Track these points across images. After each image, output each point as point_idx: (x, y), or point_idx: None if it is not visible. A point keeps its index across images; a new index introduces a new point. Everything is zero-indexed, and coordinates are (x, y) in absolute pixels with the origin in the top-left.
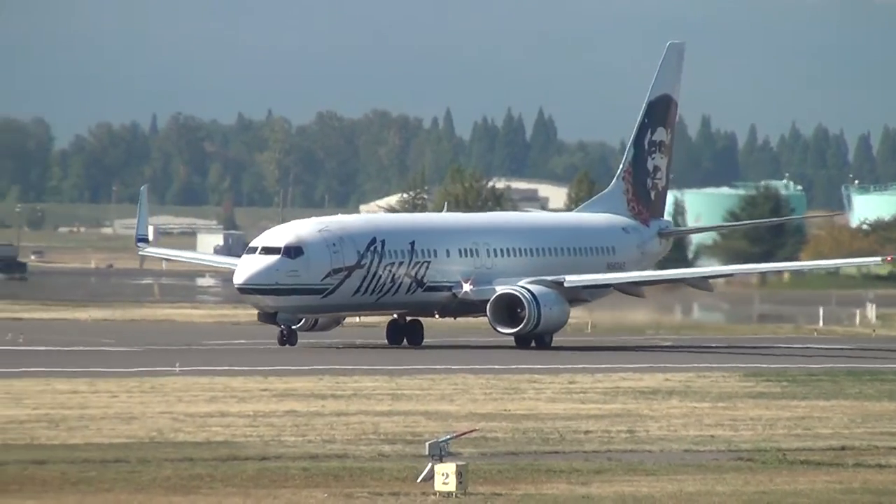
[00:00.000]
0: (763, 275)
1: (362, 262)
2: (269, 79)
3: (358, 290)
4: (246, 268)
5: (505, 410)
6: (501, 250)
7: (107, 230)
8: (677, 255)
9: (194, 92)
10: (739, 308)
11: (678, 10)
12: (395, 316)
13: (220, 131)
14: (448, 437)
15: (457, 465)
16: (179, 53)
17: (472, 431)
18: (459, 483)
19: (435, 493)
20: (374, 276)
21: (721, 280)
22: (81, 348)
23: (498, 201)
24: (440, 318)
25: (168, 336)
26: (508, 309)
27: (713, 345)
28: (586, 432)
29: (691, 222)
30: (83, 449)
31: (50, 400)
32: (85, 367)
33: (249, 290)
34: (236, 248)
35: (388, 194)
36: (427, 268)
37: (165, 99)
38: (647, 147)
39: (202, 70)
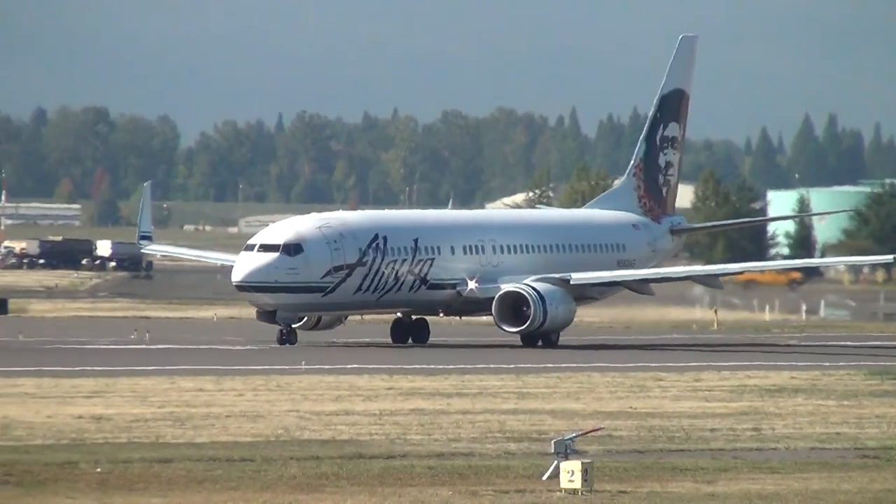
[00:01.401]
0: (889, 272)
1: (364, 260)
2: (395, 77)
3: (359, 289)
4: (244, 265)
5: (630, 408)
6: (508, 247)
7: (232, 229)
8: (804, 253)
9: (320, 90)
10: (865, 306)
11: (817, 5)
12: (400, 315)
13: (346, 130)
14: (574, 434)
15: (582, 463)
16: (305, 52)
17: (597, 429)
18: (585, 481)
19: (560, 491)
20: (376, 273)
21: (846, 277)
22: (207, 346)
23: None
24: (445, 317)
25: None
26: (514, 307)
27: (838, 342)
28: (712, 430)
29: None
30: (209, 447)
31: (176, 398)
32: (211, 365)
33: (247, 287)
34: None
35: (513, 192)
36: (431, 265)
37: (291, 97)
38: (658, 143)
39: (328, 69)
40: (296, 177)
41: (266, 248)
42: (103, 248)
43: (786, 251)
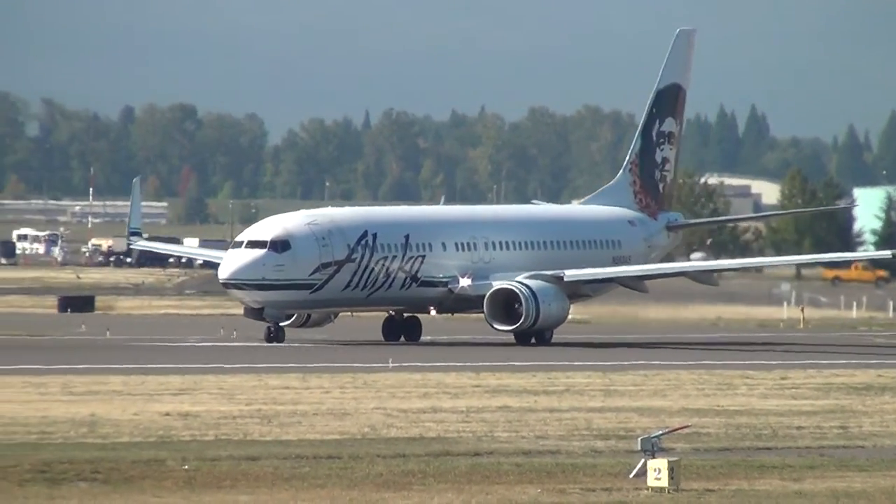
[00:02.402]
0: None
1: (353, 257)
2: (482, 75)
3: (348, 286)
4: (231, 262)
5: (717, 406)
6: (501, 244)
7: None
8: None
9: (407, 88)
10: None
11: None
12: (392, 312)
13: (433, 127)
14: (660, 432)
15: (669, 461)
16: (393, 50)
17: (684, 427)
18: (672, 479)
19: (647, 489)
20: (365, 270)
21: None
22: (294, 344)
23: (710, 197)
24: (437, 315)
25: (379, 332)
26: (506, 305)
27: None
28: (798, 428)
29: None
30: (296, 445)
31: (263, 395)
32: (297, 362)
33: (234, 284)
34: None
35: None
36: (422, 262)
37: (378, 95)
38: (655, 138)
39: (416, 66)
40: (383, 174)
41: (254, 244)
42: (190, 245)
43: (871, 248)
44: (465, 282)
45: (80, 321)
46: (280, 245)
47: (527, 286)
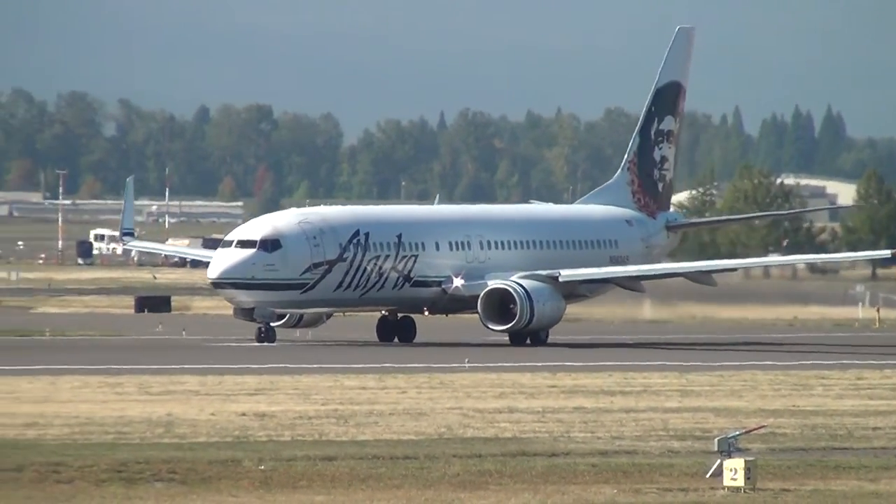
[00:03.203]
0: None
1: (344, 256)
2: (557, 76)
3: (340, 286)
4: (220, 261)
5: (793, 407)
6: (496, 243)
7: None
8: None
9: (483, 88)
10: None
11: None
12: (385, 313)
13: (509, 128)
14: (737, 433)
15: (745, 461)
16: (468, 50)
17: (760, 427)
18: (748, 479)
19: (724, 489)
20: (357, 270)
21: None
22: (370, 344)
23: (786, 198)
24: (430, 315)
25: (454, 332)
26: (500, 305)
27: None
28: (874, 429)
29: None
30: (372, 445)
31: (339, 395)
32: (374, 362)
33: (223, 284)
34: None
35: (677, 191)
36: (415, 262)
37: (454, 95)
38: (653, 136)
39: (491, 67)
40: (458, 175)
41: (243, 243)
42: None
43: None
44: (458, 282)
45: (156, 321)
46: (270, 244)
47: (521, 286)
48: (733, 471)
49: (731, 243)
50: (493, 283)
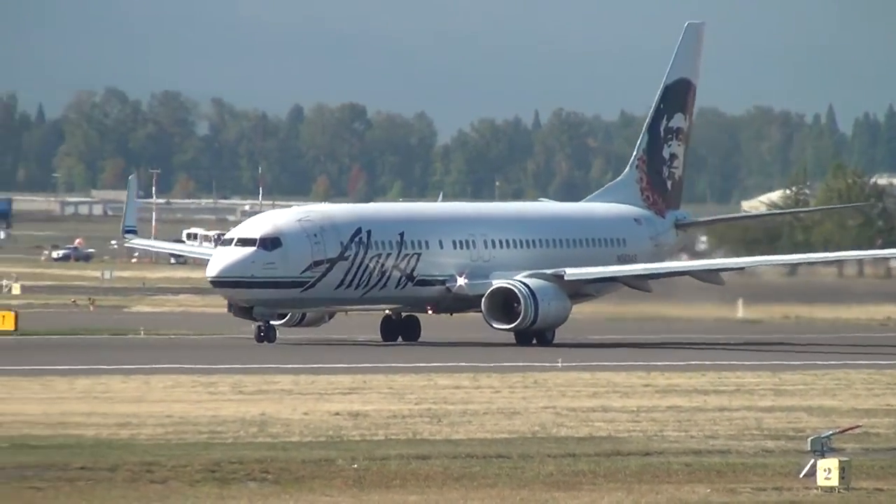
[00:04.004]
0: None
1: (346, 254)
2: (650, 75)
3: (341, 284)
4: (219, 260)
5: (887, 406)
6: (500, 242)
7: None
8: None
9: (577, 88)
10: None
11: None
12: (389, 312)
13: (603, 127)
14: (831, 432)
15: (839, 461)
16: (562, 49)
17: (854, 427)
18: (842, 478)
19: (817, 489)
20: (359, 268)
21: None
22: (464, 344)
23: (879, 197)
24: (434, 314)
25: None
26: (504, 304)
27: None
28: None
29: None
30: (466, 444)
31: (433, 395)
32: (467, 361)
33: (222, 283)
34: None
35: (769, 190)
36: (418, 260)
37: (548, 94)
38: (662, 134)
39: (585, 67)
40: (552, 174)
41: (243, 241)
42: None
43: None
44: (462, 280)
45: (249, 321)
46: (270, 242)
47: (525, 285)
48: (827, 470)
49: (825, 242)
50: (498, 283)
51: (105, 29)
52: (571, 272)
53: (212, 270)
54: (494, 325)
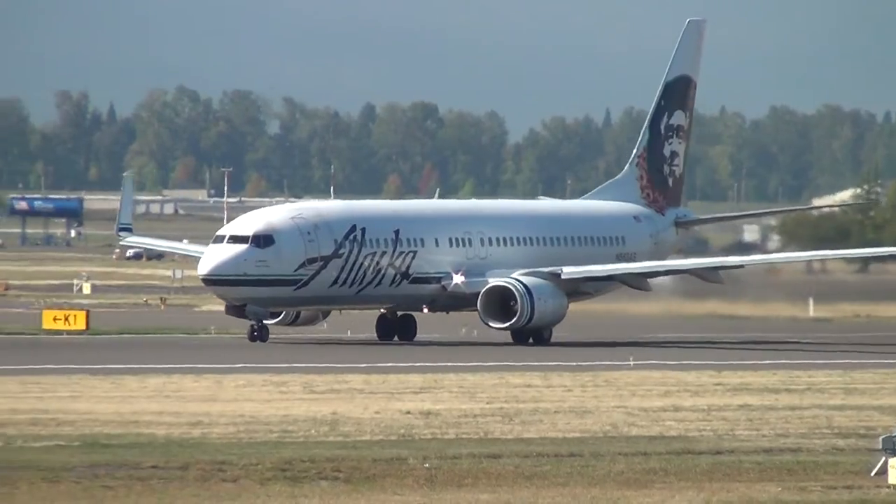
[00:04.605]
0: None
1: (340, 252)
2: (722, 74)
3: (335, 282)
4: (211, 257)
5: None
6: (498, 239)
7: None
8: None
9: (648, 86)
10: None
11: None
12: (384, 310)
13: None
14: None
15: None
16: (632, 48)
17: None
18: None
19: (889, 487)
20: (353, 266)
21: None
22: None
23: None
24: (430, 312)
25: (621, 330)
26: (501, 302)
27: None
28: None
29: None
30: (537, 443)
31: (504, 394)
32: (538, 360)
33: (214, 281)
34: (690, 242)
35: (841, 189)
36: (413, 258)
37: (618, 93)
38: (663, 131)
39: (655, 66)
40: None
41: (235, 239)
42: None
43: None
44: (458, 279)
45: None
46: (263, 240)
47: (521, 283)
48: None
49: None
50: (494, 281)
51: (177, 27)
52: (568, 270)
53: (203, 268)
54: (490, 324)
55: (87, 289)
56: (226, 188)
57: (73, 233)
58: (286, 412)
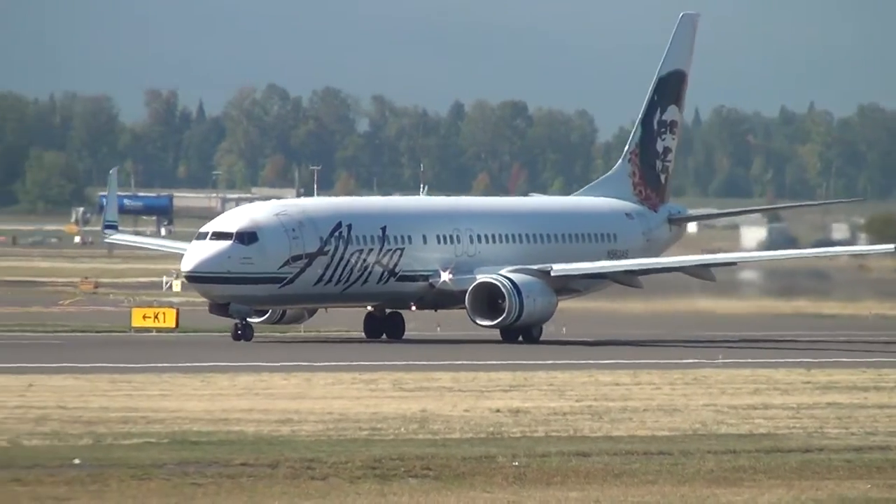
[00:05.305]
0: None
1: (325, 249)
2: (810, 72)
3: (321, 280)
4: (194, 254)
5: None
6: (486, 236)
7: None
8: None
9: (737, 85)
10: None
11: None
12: (371, 308)
13: (763, 124)
14: None
15: None
16: (721, 47)
17: None
18: None
19: None
20: (339, 264)
21: None
22: (623, 340)
23: None
24: (417, 310)
25: (710, 328)
26: (489, 300)
27: None
28: None
29: None
30: (626, 441)
31: (593, 392)
32: (628, 359)
33: (197, 278)
34: (779, 240)
35: None
36: (400, 255)
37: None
38: (656, 127)
39: (744, 64)
40: (712, 171)
41: (219, 235)
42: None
43: None
44: (446, 276)
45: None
46: (247, 237)
47: (509, 280)
48: None
49: None
50: (482, 278)
51: (265, 26)
52: (558, 268)
53: (186, 265)
54: (478, 322)
55: (176, 286)
56: (315, 187)
57: (163, 231)
58: (375, 410)
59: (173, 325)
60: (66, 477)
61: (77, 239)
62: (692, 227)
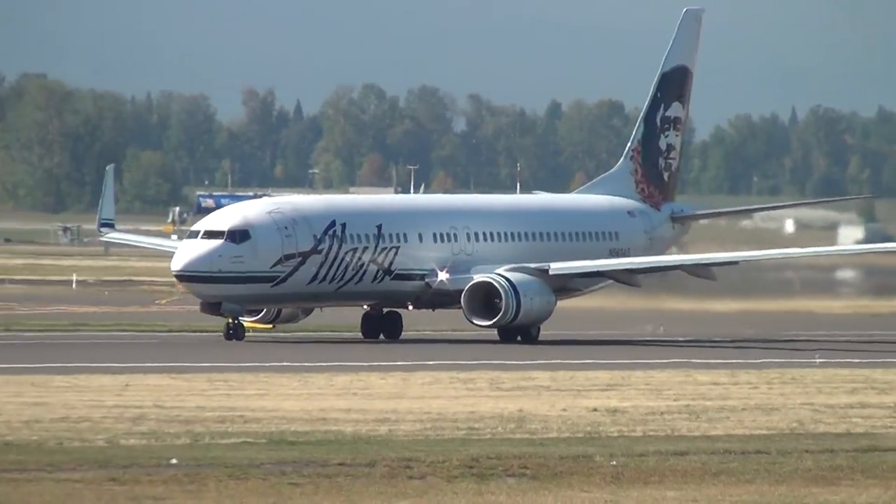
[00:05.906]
0: None
1: (319, 248)
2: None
3: (315, 279)
4: (185, 253)
5: None
6: (484, 235)
7: (746, 221)
8: None
9: (834, 84)
10: None
11: None
12: (367, 308)
13: (860, 123)
14: None
15: None
16: (817, 45)
17: None
18: None
19: None
20: (333, 262)
21: None
22: (719, 340)
23: None
24: (415, 310)
25: (807, 327)
26: (485, 299)
27: None
28: None
29: None
30: (724, 440)
31: (691, 391)
32: (725, 358)
33: (187, 277)
34: (875, 240)
35: None
36: (396, 254)
37: (805, 91)
38: (659, 123)
39: (842, 63)
40: (809, 170)
41: (210, 234)
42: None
43: None
44: (443, 275)
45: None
46: (239, 235)
47: (506, 279)
48: None
49: None
50: (478, 277)
51: (362, 25)
52: (556, 266)
53: (176, 264)
54: (475, 322)
55: None
56: (412, 186)
57: None
58: (473, 409)
59: (270, 325)
60: (164, 476)
61: (174, 237)
62: (789, 226)
